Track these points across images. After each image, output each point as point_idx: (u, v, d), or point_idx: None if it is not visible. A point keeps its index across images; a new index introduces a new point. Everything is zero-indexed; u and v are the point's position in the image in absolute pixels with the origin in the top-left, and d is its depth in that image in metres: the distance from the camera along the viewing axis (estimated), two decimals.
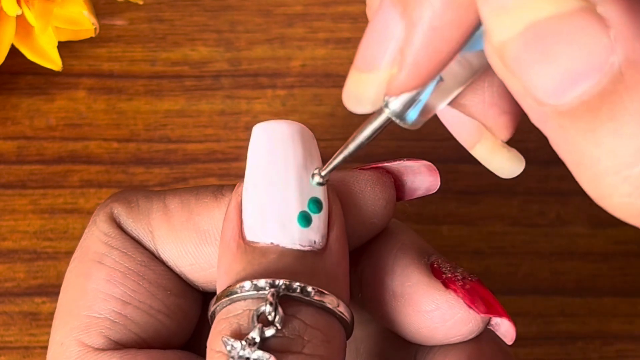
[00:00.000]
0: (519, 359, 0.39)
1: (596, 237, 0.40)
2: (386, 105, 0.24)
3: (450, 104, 0.26)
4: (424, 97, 0.24)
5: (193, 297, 0.29)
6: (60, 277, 0.39)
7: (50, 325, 0.38)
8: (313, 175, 0.26)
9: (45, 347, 0.38)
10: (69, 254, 0.39)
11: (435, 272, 0.28)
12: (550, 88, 0.20)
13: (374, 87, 0.23)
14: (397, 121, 0.24)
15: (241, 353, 0.24)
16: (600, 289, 0.40)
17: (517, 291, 0.39)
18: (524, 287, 0.39)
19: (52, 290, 0.39)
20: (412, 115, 0.24)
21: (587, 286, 0.40)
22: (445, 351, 0.28)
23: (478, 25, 0.22)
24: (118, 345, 0.28)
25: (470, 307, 0.27)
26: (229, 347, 0.24)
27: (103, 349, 0.28)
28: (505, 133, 0.27)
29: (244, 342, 0.24)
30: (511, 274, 0.40)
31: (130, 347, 0.28)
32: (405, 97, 0.24)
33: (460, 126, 0.28)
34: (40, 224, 0.39)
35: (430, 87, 0.24)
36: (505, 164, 0.28)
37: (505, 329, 0.28)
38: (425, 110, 0.24)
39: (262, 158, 0.27)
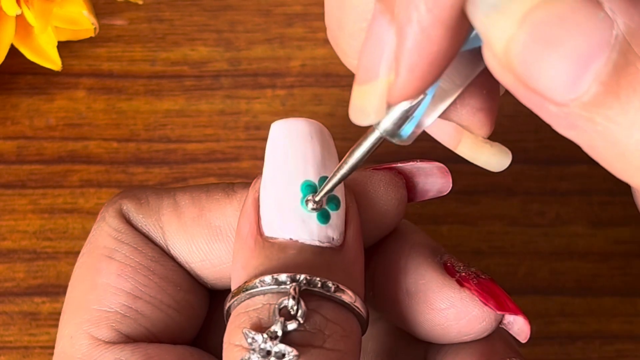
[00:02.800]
0: None
1: (596, 237, 0.40)
2: (377, 124, 0.24)
3: None
4: (416, 112, 0.24)
5: (202, 293, 0.30)
6: (60, 277, 0.39)
7: (50, 325, 0.38)
8: (307, 201, 0.26)
9: (45, 347, 0.39)
10: (69, 254, 0.39)
11: (449, 271, 0.28)
12: (565, 81, 0.20)
13: (375, 98, 0.23)
14: (389, 138, 0.25)
15: (262, 346, 0.24)
16: (600, 288, 0.40)
17: (516, 291, 0.39)
18: (523, 287, 0.39)
19: (51, 290, 0.39)
20: (406, 130, 0.24)
21: (587, 286, 0.40)
22: (457, 350, 0.28)
23: (469, 26, 0.22)
24: (128, 339, 0.28)
25: (485, 304, 0.27)
26: (249, 340, 0.24)
27: (113, 343, 0.28)
28: (483, 130, 0.27)
29: (265, 335, 0.24)
30: (511, 274, 0.40)
31: (140, 341, 0.28)
32: (395, 114, 0.24)
33: (439, 128, 0.28)
34: (39, 224, 0.39)
35: (422, 102, 0.24)
36: (492, 159, 0.28)
37: (519, 326, 0.28)
38: (415, 125, 0.25)
39: (281, 155, 0.27)
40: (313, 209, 0.26)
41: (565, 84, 0.20)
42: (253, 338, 0.24)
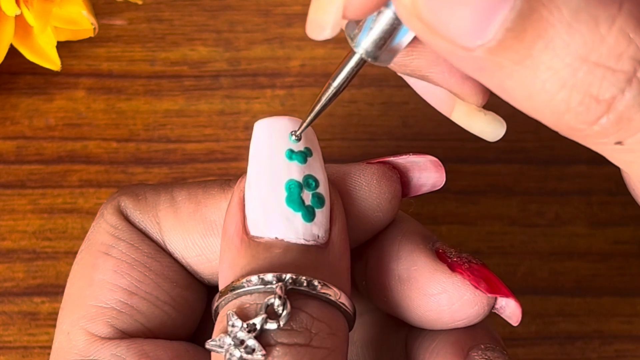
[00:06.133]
0: (518, 358, 0.39)
1: (595, 237, 0.40)
2: (357, 45, 0.25)
3: (416, 76, 0.26)
4: (395, 33, 0.25)
5: (199, 289, 0.30)
6: (59, 277, 0.39)
7: (49, 325, 0.38)
8: (291, 133, 0.27)
9: (45, 347, 0.39)
10: (69, 253, 0.39)
11: (441, 257, 0.28)
12: (471, 28, 0.21)
13: (332, 12, 0.24)
14: (369, 59, 0.25)
15: (239, 334, 0.24)
16: (599, 288, 0.40)
17: (516, 291, 0.39)
18: (522, 287, 0.39)
19: (51, 290, 0.39)
20: (384, 55, 0.25)
21: (586, 286, 0.40)
22: (435, 335, 0.28)
23: None
24: (124, 335, 0.28)
25: (477, 288, 0.27)
26: (230, 322, 0.25)
27: (109, 338, 0.28)
28: (474, 99, 0.27)
29: (245, 325, 0.24)
30: (510, 274, 0.40)
31: (136, 337, 0.28)
32: (374, 34, 0.25)
33: (433, 94, 0.28)
34: (39, 224, 0.39)
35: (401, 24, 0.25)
36: (486, 128, 0.29)
37: (511, 310, 0.28)
38: (393, 47, 0.25)
39: (264, 153, 0.27)
40: (297, 140, 0.27)
41: (472, 31, 0.21)
42: (234, 324, 0.25)
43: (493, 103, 0.30)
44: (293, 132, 0.27)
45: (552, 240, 0.40)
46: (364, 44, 0.25)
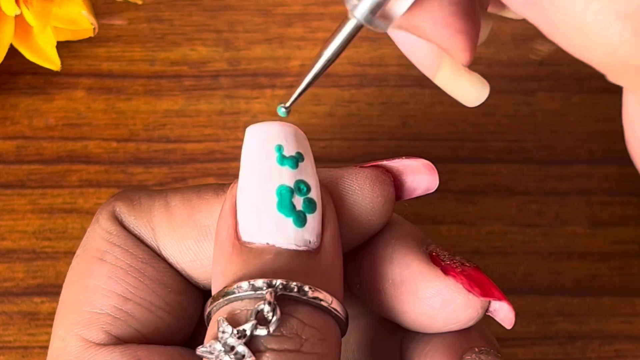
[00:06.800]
0: (518, 358, 0.39)
1: (595, 237, 0.40)
2: (353, 11, 0.25)
3: (405, 28, 0.26)
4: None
5: (194, 294, 0.30)
6: (59, 277, 0.39)
7: (49, 325, 0.38)
8: (281, 105, 0.27)
9: (45, 347, 0.39)
10: (68, 253, 0.39)
11: (434, 260, 0.28)
12: None
13: None
14: (366, 24, 0.25)
15: (229, 340, 0.24)
16: (599, 288, 0.40)
17: (515, 291, 0.39)
18: (522, 287, 0.39)
19: (51, 290, 0.39)
20: (380, 21, 0.25)
21: (586, 286, 0.40)
22: (430, 338, 0.28)
23: None
24: (119, 341, 0.28)
25: (469, 291, 0.27)
26: (221, 329, 0.25)
27: (104, 344, 0.28)
28: (463, 55, 0.27)
29: (235, 331, 0.24)
30: (510, 274, 0.40)
31: (130, 343, 0.28)
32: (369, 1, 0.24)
33: (419, 52, 0.28)
34: (39, 224, 0.39)
35: None
36: (470, 90, 0.28)
37: (504, 313, 0.28)
38: (390, 13, 0.25)
39: (256, 159, 0.27)
40: (285, 110, 0.27)
41: None
42: (224, 330, 0.25)
43: (489, 104, 0.30)
44: (282, 104, 0.27)
45: (552, 240, 0.40)
46: (360, 10, 0.24)
